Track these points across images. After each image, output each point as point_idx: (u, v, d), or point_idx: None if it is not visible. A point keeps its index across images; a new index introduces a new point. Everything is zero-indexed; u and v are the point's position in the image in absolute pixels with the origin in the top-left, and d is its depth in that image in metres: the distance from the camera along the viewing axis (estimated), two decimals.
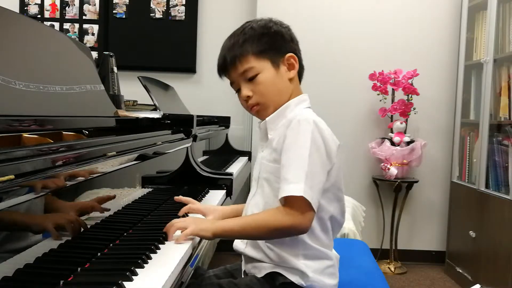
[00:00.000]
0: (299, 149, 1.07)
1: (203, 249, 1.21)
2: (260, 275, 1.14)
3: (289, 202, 1.06)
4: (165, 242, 1.10)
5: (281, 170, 1.08)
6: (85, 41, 3.54)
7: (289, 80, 1.19)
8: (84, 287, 0.85)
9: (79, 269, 0.89)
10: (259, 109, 1.19)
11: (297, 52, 1.22)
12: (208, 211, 1.33)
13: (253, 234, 1.10)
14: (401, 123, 3.19)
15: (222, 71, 1.21)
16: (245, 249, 1.18)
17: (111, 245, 1.06)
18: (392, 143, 3.16)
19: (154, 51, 3.53)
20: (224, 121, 3.31)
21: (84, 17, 3.57)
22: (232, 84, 1.22)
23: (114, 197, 1.17)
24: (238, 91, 1.21)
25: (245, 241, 1.19)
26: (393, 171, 3.11)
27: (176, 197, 1.38)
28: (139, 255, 0.96)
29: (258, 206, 1.18)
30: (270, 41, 1.18)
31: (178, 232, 1.12)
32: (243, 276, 1.22)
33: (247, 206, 1.23)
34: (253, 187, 1.24)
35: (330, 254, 1.16)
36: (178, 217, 1.34)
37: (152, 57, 3.53)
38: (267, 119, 1.19)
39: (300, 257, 1.12)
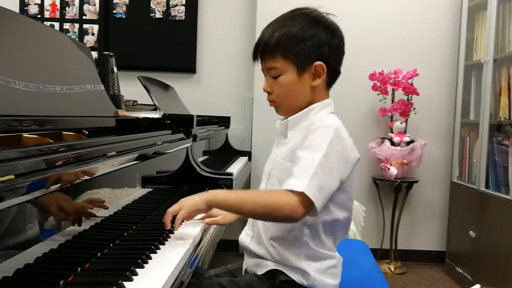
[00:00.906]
0: (314, 150, 1.07)
1: (203, 249, 1.21)
2: (261, 272, 1.15)
3: (291, 192, 1.05)
4: (165, 242, 1.10)
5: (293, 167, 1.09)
6: (85, 41, 3.54)
7: (311, 87, 1.17)
8: (84, 287, 0.85)
9: (79, 269, 0.89)
10: (274, 105, 1.21)
11: (330, 59, 1.17)
12: (218, 212, 1.31)
13: (247, 207, 1.08)
14: (401, 123, 3.19)
15: (255, 56, 1.21)
16: (249, 243, 1.18)
17: (111, 245, 1.06)
18: (392, 143, 3.16)
19: (154, 51, 3.52)
20: (224, 121, 3.31)
21: (84, 17, 3.56)
22: (262, 70, 1.22)
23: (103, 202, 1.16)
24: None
25: (250, 235, 1.20)
26: (393, 171, 3.11)
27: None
28: (139, 255, 0.96)
29: None
30: (304, 45, 1.14)
31: (182, 228, 1.12)
32: (243, 274, 1.23)
33: None
34: (263, 181, 1.24)
35: (333, 254, 1.16)
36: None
37: (152, 57, 3.53)
38: (289, 118, 1.18)
39: (302, 257, 1.12)
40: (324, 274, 1.13)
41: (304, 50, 1.14)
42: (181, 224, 1.18)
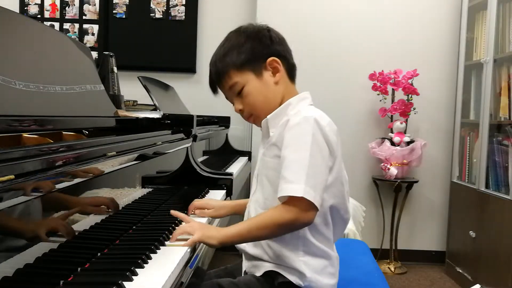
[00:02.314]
0: (299, 149, 1.08)
1: (203, 249, 1.21)
2: (259, 273, 1.15)
3: (290, 200, 1.07)
4: (166, 242, 1.10)
5: (281, 168, 1.09)
6: (85, 41, 3.54)
7: (275, 83, 1.19)
8: (84, 287, 0.85)
9: (79, 269, 0.89)
10: (254, 119, 1.23)
11: (280, 52, 1.20)
12: (210, 205, 1.36)
13: (259, 235, 1.10)
14: (401, 123, 3.19)
15: (213, 87, 1.25)
16: (246, 246, 1.19)
17: (111, 245, 1.06)
18: (392, 143, 3.16)
19: (154, 51, 3.53)
20: (224, 121, 3.30)
21: (84, 17, 3.57)
22: (227, 98, 1.26)
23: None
24: (233, 104, 1.24)
25: None
26: (393, 171, 3.11)
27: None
28: (139, 255, 0.96)
29: (259, 202, 1.20)
30: (247, 51, 1.18)
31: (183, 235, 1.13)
32: (243, 275, 1.23)
33: (249, 203, 1.25)
34: (253, 184, 1.26)
35: (330, 253, 1.16)
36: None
37: (152, 57, 3.53)
38: (268, 117, 1.19)
39: (300, 254, 1.12)
40: (321, 274, 1.13)
41: (252, 54, 1.18)
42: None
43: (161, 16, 3.53)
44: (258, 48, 1.18)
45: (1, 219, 0.72)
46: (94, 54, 3.16)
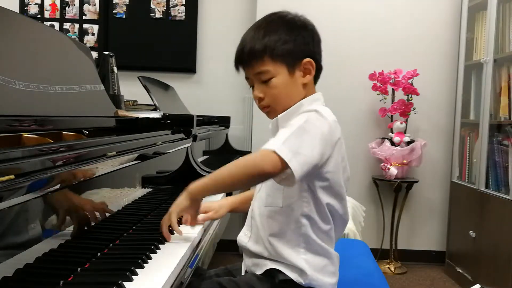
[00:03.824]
0: (290, 126, 1.07)
1: (203, 249, 1.21)
2: (259, 272, 1.15)
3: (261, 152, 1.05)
4: (165, 242, 1.10)
5: None
6: (85, 41, 3.54)
7: (302, 84, 1.17)
8: (84, 287, 0.85)
9: (79, 269, 0.89)
10: (269, 111, 1.19)
11: (316, 54, 1.19)
12: (210, 208, 1.34)
13: (229, 178, 1.07)
14: (401, 123, 3.19)
15: (239, 64, 1.20)
16: (248, 242, 1.19)
17: (111, 245, 1.06)
18: (392, 143, 3.16)
19: (154, 51, 3.53)
20: (224, 121, 3.31)
21: (84, 17, 3.57)
22: (246, 79, 1.21)
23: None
24: (251, 87, 1.20)
25: (248, 234, 1.20)
26: (393, 171, 3.11)
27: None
28: (139, 255, 0.96)
29: (262, 199, 1.19)
30: (290, 45, 1.14)
31: (182, 229, 1.14)
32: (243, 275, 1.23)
33: (254, 201, 1.24)
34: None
35: (331, 252, 1.16)
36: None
37: (152, 57, 3.53)
38: (279, 116, 1.18)
39: (301, 251, 1.12)
40: (322, 272, 1.13)
41: (293, 49, 1.15)
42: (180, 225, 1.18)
43: (161, 16, 3.53)
44: (300, 45, 1.15)
45: (1, 219, 0.72)
46: (94, 54, 3.16)
